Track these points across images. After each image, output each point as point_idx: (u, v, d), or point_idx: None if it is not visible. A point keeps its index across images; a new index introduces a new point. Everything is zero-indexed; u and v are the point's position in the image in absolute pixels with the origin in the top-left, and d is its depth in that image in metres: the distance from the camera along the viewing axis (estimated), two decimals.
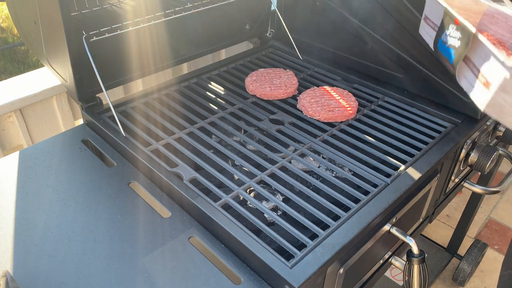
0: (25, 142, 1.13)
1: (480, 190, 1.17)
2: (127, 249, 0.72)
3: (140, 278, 0.68)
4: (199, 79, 1.18)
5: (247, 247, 0.68)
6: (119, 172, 0.88)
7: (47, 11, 0.88)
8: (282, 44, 1.34)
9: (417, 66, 1.06)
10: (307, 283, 0.64)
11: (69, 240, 0.73)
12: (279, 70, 1.18)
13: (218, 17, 1.18)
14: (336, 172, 0.89)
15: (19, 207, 0.80)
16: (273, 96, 1.09)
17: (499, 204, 2.17)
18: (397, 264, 0.92)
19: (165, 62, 1.13)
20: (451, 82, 1.02)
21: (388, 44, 1.08)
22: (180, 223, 0.77)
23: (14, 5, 1.03)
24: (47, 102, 1.14)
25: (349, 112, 1.01)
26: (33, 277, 0.68)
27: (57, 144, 0.95)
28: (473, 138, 1.03)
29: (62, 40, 0.87)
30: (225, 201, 0.78)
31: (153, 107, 1.04)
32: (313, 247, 0.68)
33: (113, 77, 1.03)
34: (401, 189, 0.81)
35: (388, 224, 0.81)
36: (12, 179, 0.86)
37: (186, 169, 0.85)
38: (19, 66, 3.44)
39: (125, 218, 0.78)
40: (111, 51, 0.98)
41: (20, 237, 0.74)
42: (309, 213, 0.76)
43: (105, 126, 0.95)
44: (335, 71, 1.21)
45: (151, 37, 1.04)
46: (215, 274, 0.68)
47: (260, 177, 0.84)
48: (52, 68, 1.02)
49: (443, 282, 1.79)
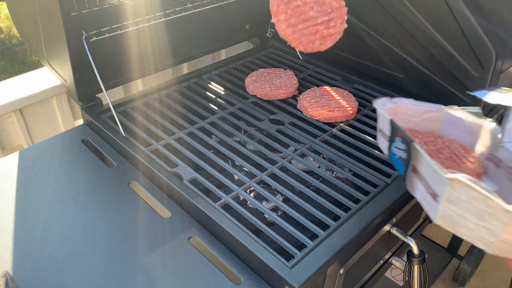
0: (25, 142, 1.13)
1: None
2: (127, 249, 0.72)
3: (140, 278, 0.68)
4: (199, 79, 1.18)
5: (247, 247, 0.68)
6: (119, 172, 0.88)
7: (47, 11, 0.88)
8: (282, 44, 1.34)
9: (417, 66, 1.06)
10: (307, 283, 0.64)
11: (69, 240, 0.73)
12: (279, 70, 1.18)
13: (218, 17, 1.18)
14: (336, 172, 0.88)
15: (19, 207, 0.80)
16: (273, 96, 1.09)
17: None
18: (397, 264, 0.92)
19: (165, 62, 1.13)
20: (451, 82, 1.02)
21: (388, 44, 1.08)
22: (180, 223, 0.77)
23: (14, 5, 1.03)
24: (47, 102, 1.14)
25: (349, 112, 1.01)
26: (33, 277, 0.68)
27: (57, 144, 0.95)
28: None
29: (62, 40, 0.87)
30: (225, 201, 0.78)
31: (153, 107, 1.04)
32: (313, 247, 0.68)
33: (113, 77, 1.03)
34: (401, 189, 0.81)
35: (388, 224, 0.81)
36: (12, 179, 0.86)
37: (186, 169, 0.85)
38: (19, 66, 3.44)
39: (125, 218, 0.78)
40: (111, 51, 0.98)
41: (20, 237, 0.74)
42: (309, 214, 0.76)
43: (105, 126, 0.95)
44: (335, 71, 1.21)
45: (151, 37, 1.04)
46: (215, 274, 0.68)
47: (260, 177, 0.84)
48: (52, 68, 1.02)
49: (443, 282, 1.79)
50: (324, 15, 0.71)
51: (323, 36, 0.71)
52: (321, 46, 0.72)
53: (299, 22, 0.69)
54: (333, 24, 0.72)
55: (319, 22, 0.71)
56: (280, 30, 0.68)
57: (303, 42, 0.70)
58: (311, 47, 0.70)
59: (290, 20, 0.68)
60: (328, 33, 0.72)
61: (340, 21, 0.73)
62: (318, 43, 0.71)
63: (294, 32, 0.69)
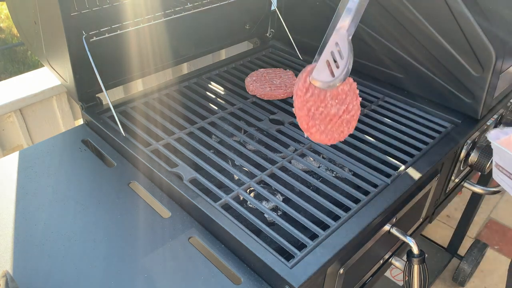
0: (25, 142, 1.13)
1: (480, 190, 1.17)
2: (127, 249, 0.72)
3: (140, 278, 0.68)
4: (199, 79, 1.18)
5: (247, 247, 0.68)
6: (119, 172, 0.88)
7: (47, 11, 0.88)
8: (282, 44, 1.34)
9: (417, 66, 1.06)
10: (307, 283, 0.64)
11: (69, 240, 0.73)
12: (279, 70, 1.18)
13: (218, 17, 1.18)
14: (336, 172, 0.89)
15: (19, 207, 0.80)
16: (273, 96, 1.09)
17: (499, 204, 2.17)
18: (397, 264, 0.92)
19: (165, 62, 1.13)
20: (451, 82, 1.02)
21: (388, 44, 1.08)
22: (180, 223, 0.77)
23: (14, 5, 1.03)
24: (47, 102, 1.14)
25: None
26: (33, 277, 0.68)
27: (57, 144, 0.95)
28: (473, 138, 1.03)
29: (62, 40, 0.87)
30: (225, 201, 0.78)
31: (153, 107, 1.04)
32: (313, 247, 0.68)
33: (113, 77, 1.03)
34: (401, 189, 0.81)
35: (388, 224, 0.81)
36: (12, 179, 0.86)
37: (186, 169, 0.85)
38: (19, 66, 3.44)
39: (125, 218, 0.78)
40: (111, 51, 0.98)
41: (20, 237, 0.74)
42: (309, 213, 0.76)
43: (105, 126, 0.95)
44: None
45: (151, 37, 1.04)
46: (215, 274, 0.68)
47: (260, 177, 0.84)
48: (52, 68, 1.02)
49: (443, 282, 1.79)
50: (342, 105, 0.74)
51: (348, 121, 0.75)
52: (350, 130, 0.76)
53: (327, 124, 0.73)
54: (351, 106, 0.76)
55: (341, 113, 0.74)
56: (315, 140, 0.72)
57: (336, 137, 0.74)
58: (343, 136, 0.74)
59: (321, 128, 0.72)
60: (351, 115, 0.76)
61: (355, 98, 0.76)
62: (346, 129, 0.75)
63: (327, 135, 0.72)
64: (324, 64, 0.69)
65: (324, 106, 0.73)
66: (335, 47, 0.69)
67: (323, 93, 0.72)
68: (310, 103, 0.71)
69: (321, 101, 0.72)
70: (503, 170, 0.67)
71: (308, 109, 0.71)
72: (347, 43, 0.69)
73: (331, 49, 0.69)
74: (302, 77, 0.72)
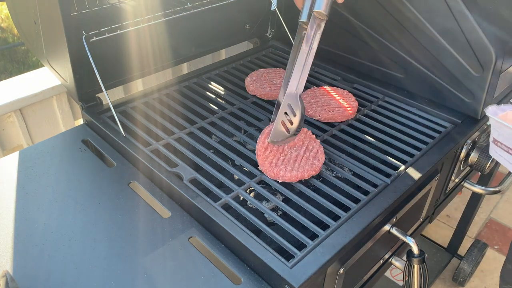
0: (25, 142, 1.13)
1: (480, 190, 1.17)
2: (127, 249, 0.72)
3: (140, 278, 0.68)
4: (199, 79, 1.18)
5: (247, 247, 0.68)
6: (119, 172, 0.88)
7: (47, 11, 0.88)
8: (282, 44, 1.34)
9: (417, 66, 1.06)
10: (307, 283, 0.64)
11: (69, 240, 0.73)
12: (279, 70, 1.18)
13: (218, 17, 1.18)
14: (336, 172, 0.89)
15: (19, 207, 0.80)
16: (273, 96, 1.09)
17: (499, 204, 2.17)
18: (397, 264, 0.92)
19: (165, 62, 1.13)
20: (451, 82, 1.02)
21: (388, 44, 1.08)
22: (180, 223, 0.77)
23: (14, 5, 1.03)
24: (47, 102, 1.14)
25: (349, 112, 1.01)
26: (33, 277, 0.68)
27: (57, 144, 0.95)
28: (473, 138, 1.03)
29: (62, 40, 0.87)
30: (225, 201, 0.78)
31: (153, 107, 1.04)
32: (313, 247, 0.68)
33: (113, 77, 1.03)
34: (401, 189, 0.81)
35: (388, 224, 0.81)
36: (12, 179, 0.86)
37: (186, 169, 0.85)
38: (19, 66, 3.44)
39: (125, 218, 0.78)
40: (111, 51, 0.98)
41: (20, 237, 0.74)
42: (309, 213, 0.76)
43: (105, 126, 0.95)
44: (335, 71, 1.21)
45: (151, 37, 1.04)
46: (215, 274, 0.68)
47: (260, 177, 0.84)
48: (52, 68, 1.02)
49: (443, 282, 1.79)
50: (301, 148, 0.86)
51: (314, 156, 0.85)
52: (321, 161, 0.85)
53: (294, 164, 0.83)
54: (311, 146, 0.87)
55: (303, 153, 0.85)
56: (288, 180, 0.82)
57: (309, 171, 0.82)
58: (315, 168, 0.83)
59: (288, 169, 0.82)
60: (315, 152, 0.86)
61: (313, 140, 0.89)
62: (316, 162, 0.84)
63: (298, 171, 0.82)
64: (279, 125, 0.82)
65: (285, 155, 0.85)
66: (288, 108, 0.81)
67: (281, 147, 0.85)
68: (270, 157, 0.83)
69: (280, 153, 0.85)
70: (501, 145, 0.68)
71: (270, 162, 0.83)
72: (298, 102, 0.81)
73: (284, 110, 0.81)
74: (261, 139, 0.85)
